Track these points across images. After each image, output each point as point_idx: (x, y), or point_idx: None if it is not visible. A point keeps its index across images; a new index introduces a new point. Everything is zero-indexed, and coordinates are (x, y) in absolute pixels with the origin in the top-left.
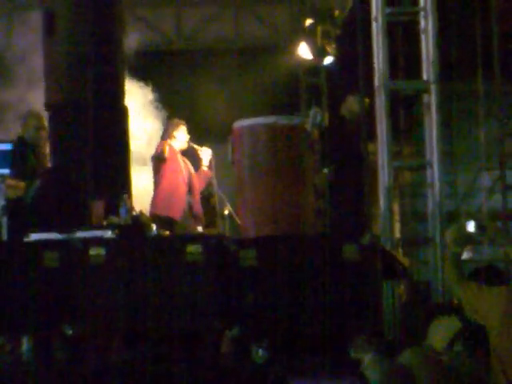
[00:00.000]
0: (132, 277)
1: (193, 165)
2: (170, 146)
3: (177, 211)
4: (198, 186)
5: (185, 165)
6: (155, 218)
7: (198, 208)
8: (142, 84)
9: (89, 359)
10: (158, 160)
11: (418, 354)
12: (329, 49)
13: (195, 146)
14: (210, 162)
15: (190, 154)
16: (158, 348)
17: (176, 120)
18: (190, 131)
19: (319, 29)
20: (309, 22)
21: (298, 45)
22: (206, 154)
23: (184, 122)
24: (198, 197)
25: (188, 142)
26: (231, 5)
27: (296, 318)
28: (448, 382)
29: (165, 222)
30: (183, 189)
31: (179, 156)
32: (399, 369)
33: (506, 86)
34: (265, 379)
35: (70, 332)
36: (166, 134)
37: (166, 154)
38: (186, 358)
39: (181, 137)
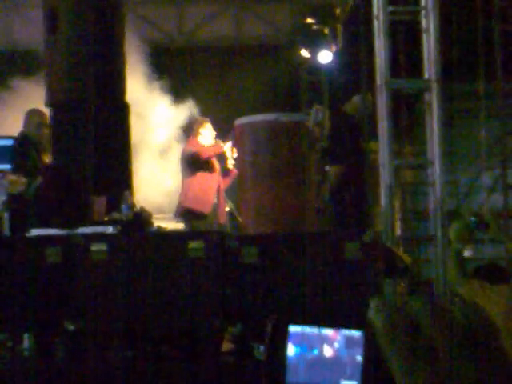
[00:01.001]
0: (134, 273)
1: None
2: (199, 145)
3: (208, 205)
4: (223, 181)
5: (212, 161)
6: (188, 210)
7: (223, 204)
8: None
9: (90, 356)
10: (197, 161)
11: (424, 302)
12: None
13: (221, 143)
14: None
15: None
16: (158, 345)
17: (200, 117)
18: None
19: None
20: (309, 21)
21: (299, 43)
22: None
23: (208, 119)
24: (223, 193)
25: (215, 139)
26: (232, 3)
27: (297, 314)
28: (455, 333)
29: (197, 215)
30: (214, 184)
31: None
32: (403, 314)
33: (507, 85)
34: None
35: (72, 328)
36: (190, 131)
37: (206, 156)
38: (187, 355)
39: (207, 133)
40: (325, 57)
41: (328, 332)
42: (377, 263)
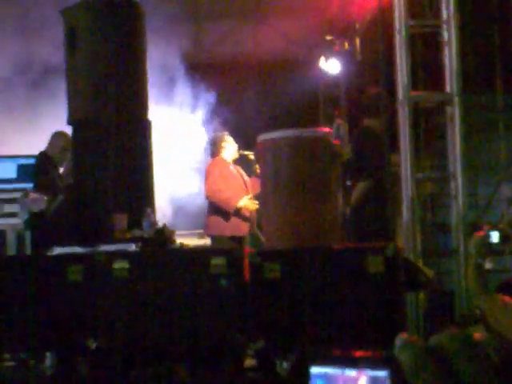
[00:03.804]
0: (156, 290)
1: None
2: (223, 161)
3: (244, 228)
4: (253, 191)
5: (239, 175)
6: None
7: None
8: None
9: (112, 374)
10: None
11: (452, 337)
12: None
13: (245, 152)
14: None
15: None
16: (181, 361)
17: (219, 133)
18: None
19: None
20: (328, 37)
21: (318, 58)
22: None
23: (228, 133)
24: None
25: (238, 151)
26: (250, 19)
27: (320, 330)
28: (485, 366)
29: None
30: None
31: (233, 167)
32: (430, 351)
33: None
34: None
35: (94, 346)
36: (215, 149)
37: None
38: (210, 372)
39: (230, 147)
40: (334, 66)
41: (351, 373)
42: (399, 276)
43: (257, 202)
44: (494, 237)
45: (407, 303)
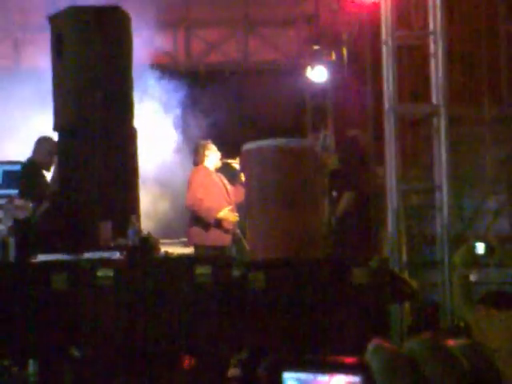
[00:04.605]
0: (140, 298)
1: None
2: (205, 169)
3: (225, 239)
4: (236, 200)
5: (222, 184)
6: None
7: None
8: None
9: (96, 383)
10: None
11: (423, 342)
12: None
13: (229, 161)
14: None
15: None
16: (164, 370)
17: (203, 141)
18: None
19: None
20: (316, 47)
21: (305, 68)
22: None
23: (211, 141)
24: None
25: (221, 159)
26: (240, 27)
27: (304, 340)
28: (456, 372)
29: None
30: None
31: (215, 176)
32: (402, 356)
33: None
34: None
35: (78, 354)
36: (198, 157)
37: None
38: (194, 381)
39: (212, 155)
40: (321, 75)
41: (324, 378)
42: (384, 288)
43: (237, 214)
44: (480, 249)
45: (392, 315)
